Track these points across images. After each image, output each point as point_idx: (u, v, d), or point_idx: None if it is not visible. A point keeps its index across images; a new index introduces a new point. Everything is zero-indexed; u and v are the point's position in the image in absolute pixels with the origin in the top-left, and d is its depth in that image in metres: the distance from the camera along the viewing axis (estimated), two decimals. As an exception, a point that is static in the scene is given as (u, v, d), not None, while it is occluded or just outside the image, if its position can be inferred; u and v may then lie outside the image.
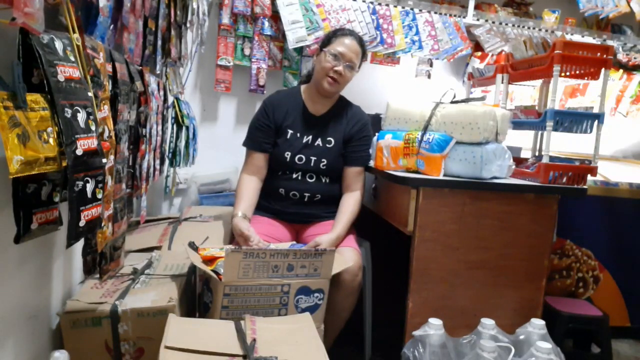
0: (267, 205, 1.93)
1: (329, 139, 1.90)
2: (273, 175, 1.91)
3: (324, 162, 1.87)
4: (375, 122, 2.06)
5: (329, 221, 1.88)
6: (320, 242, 1.68)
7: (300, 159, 1.87)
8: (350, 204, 1.85)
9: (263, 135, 1.90)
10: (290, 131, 1.89)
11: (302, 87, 1.99)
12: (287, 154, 1.87)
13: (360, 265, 1.69)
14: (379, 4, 2.69)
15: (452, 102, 1.83)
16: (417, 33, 2.71)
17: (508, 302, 1.75)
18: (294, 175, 1.88)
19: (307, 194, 1.87)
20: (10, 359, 1.05)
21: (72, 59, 0.85)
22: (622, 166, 2.83)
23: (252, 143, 1.91)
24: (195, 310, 1.64)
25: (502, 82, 2.19)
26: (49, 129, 0.78)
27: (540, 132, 2.18)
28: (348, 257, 1.65)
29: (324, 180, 1.89)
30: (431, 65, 2.94)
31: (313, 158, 1.86)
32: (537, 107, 2.16)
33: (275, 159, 1.90)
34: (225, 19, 2.52)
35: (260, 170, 1.90)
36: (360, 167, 1.92)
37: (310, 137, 1.89)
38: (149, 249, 1.81)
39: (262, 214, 1.92)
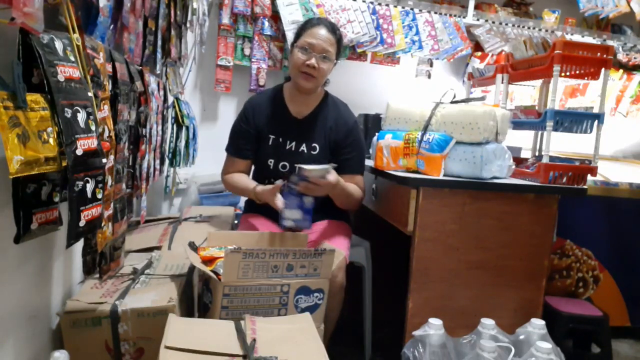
0: (259, 207, 1.83)
1: (313, 145, 1.79)
2: (259, 182, 1.80)
3: None
4: (375, 122, 2.05)
5: (325, 221, 1.85)
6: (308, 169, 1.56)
7: (284, 167, 1.79)
8: (352, 185, 1.77)
9: (244, 141, 1.81)
10: (272, 137, 1.80)
11: (285, 85, 1.87)
12: (271, 162, 1.79)
13: (340, 266, 1.60)
14: (379, 4, 2.69)
15: (452, 102, 1.83)
16: (417, 33, 2.71)
17: (508, 302, 1.75)
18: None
19: None
20: (10, 359, 1.05)
21: (72, 59, 0.85)
22: (622, 166, 2.83)
23: (233, 149, 1.84)
24: (195, 311, 1.64)
25: (502, 82, 2.19)
26: (49, 129, 0.78)
27: (540, 132, 2.18)
28: None
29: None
30: (431, 65, 2.94)
31: (297, 166, 1.69)
32: (537, 107, 2.16)
33: (258, 165, 1.83)
34: (225, 19, 2.52)
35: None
36: (353, 174, 1.80)
37: (293, 143, 1.79)
38: (149, 249, 1.80)
39: (256, 213, 1.87)
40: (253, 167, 1.91)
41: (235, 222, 2.33)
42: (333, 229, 1.81)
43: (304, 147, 1.80)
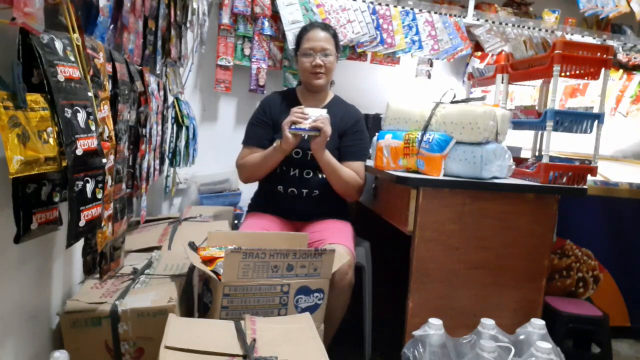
0: (265, 203, 1.94)
1: None
2: (271, 174, 1.90)
3: None
4: (375, 122, 2.05)
5: (329, 220, 1.87)
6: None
7: (297, 153, 1.87)
8: (347, 169, 1.87)
9: (261, 131, 1.93)
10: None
11: (297, 88, 2.06)
12: None
13: (350, 264, 1.66)
14: (379, 4, 2.69)
15: (452, 102, 1.83)
16: (417, 33, 2.71)
17: (508, 302, 1.75)
18: (292, 172, 1.88)
19: (305, 190, 1.88)
20: (10, 359, 1.05)
21: (72, 59, 0.85)
22: (622, 166, 2.83)
23: (251, 139, 1.95)
24: (195, 310, 1.64)
25: (502, 82, 2.19)
26: (49, 129, 0.78)
27: (540, 132, 2.18)
28: (339, 255, 1.64)
29: (320, 176, 1.89)
30: (431, 65, 2.94)
31: (309, 152, 1.84)
32: (537, 107, 2.16)
33: None
34: (225, 19, 2.52)
35: None
36: (355, 161, 1.92)
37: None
38: (149, 249, 1.81)
39: (261, 212, 1.92)
40: None
41: (235, 222, 2.34)
42: (337, 228, 1.84)
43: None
